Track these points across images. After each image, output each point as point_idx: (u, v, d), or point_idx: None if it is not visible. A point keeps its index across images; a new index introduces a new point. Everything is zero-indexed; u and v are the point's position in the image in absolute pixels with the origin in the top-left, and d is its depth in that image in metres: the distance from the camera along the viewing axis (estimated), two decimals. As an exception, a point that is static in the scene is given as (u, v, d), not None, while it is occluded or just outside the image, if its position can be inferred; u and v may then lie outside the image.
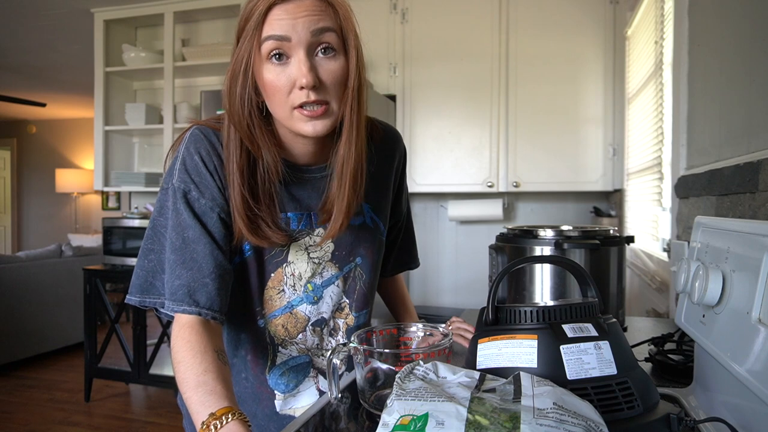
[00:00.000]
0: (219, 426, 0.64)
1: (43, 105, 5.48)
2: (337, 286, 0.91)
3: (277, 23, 0.74)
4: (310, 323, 0.90)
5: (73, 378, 3.83)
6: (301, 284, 0.88)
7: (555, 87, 2.76)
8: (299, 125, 0.77)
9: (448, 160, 2.92)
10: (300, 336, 0.90)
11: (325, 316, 0.91)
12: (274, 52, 0.75)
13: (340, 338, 0.94)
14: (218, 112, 2.87)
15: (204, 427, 0.64)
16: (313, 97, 0.75)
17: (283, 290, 0.88)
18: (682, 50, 1.48)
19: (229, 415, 0.65)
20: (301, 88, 0.74)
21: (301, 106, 0.76)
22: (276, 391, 0.91)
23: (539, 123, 2.79)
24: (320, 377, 0.93)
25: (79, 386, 3.57)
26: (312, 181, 0.88)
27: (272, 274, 0.87)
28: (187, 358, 0.72)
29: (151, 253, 0.82)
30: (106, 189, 3.64)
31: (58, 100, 6.35)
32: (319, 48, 0.76)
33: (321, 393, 0.93)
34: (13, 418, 3.16)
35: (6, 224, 7.90)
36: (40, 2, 3.42)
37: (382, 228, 0.98)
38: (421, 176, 2.95)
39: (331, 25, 0.76)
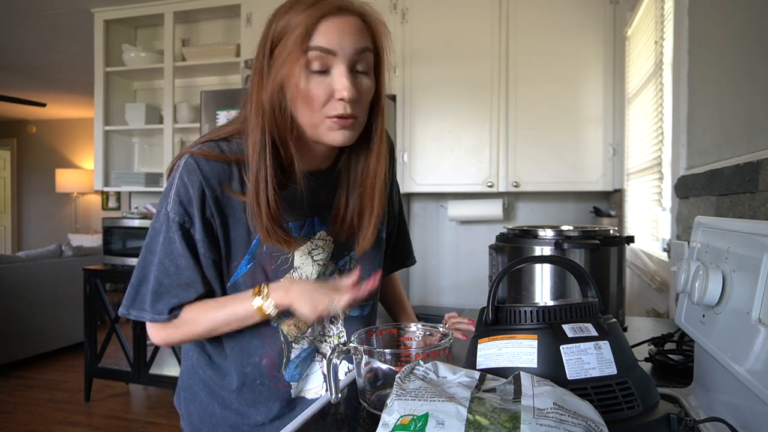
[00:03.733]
0: (265, 291, 0.83)
1: (43, 105, 5.49)
2: (335, 278, 0.96)
3: (326, 36, 0.77)
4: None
5: (73, 378, 3.83)
6: None
7: (555, 87, 2.76)
8: (329, 134, 0.81)
9: (448, 160, 2.92)
10: (309, 330, 0.95)
11: None
12: (319, 64, 0.78)
13: (340, 325, 0.98)
14: (218, 112, 2.88)
15: (254, 293, 0.83)
16: (349, 110, 0.79)
17: None
18: (682, 50, 1.48)
19: (264, 287, 0.84)
20: (341, 99, 0.78)
21: (333, 117, 0.80)
22: (292, 383, 0.95)
23: (539, 123, 2.79)
24: (324, 360, 0.98)
25: (79, 386, 3.57)
26: (315, 186, 0.90)
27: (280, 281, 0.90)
28: (196, 311, 0.86)
29: (137, 268, 0.88)
30: (106, 189, 3.64)
31: (58, 100, 6.35)
32: (357, 65, 0.80)
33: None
34: (13, 418, 3.16)
35: (6, 224, 7.90)
36: (40, 2, 3.42)
37: (380, 225, 1.00)
38: (421, 176, 2.95)
39: (370, 46, 0.81)
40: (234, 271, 0.89)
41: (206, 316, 0.86)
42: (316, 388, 0.97)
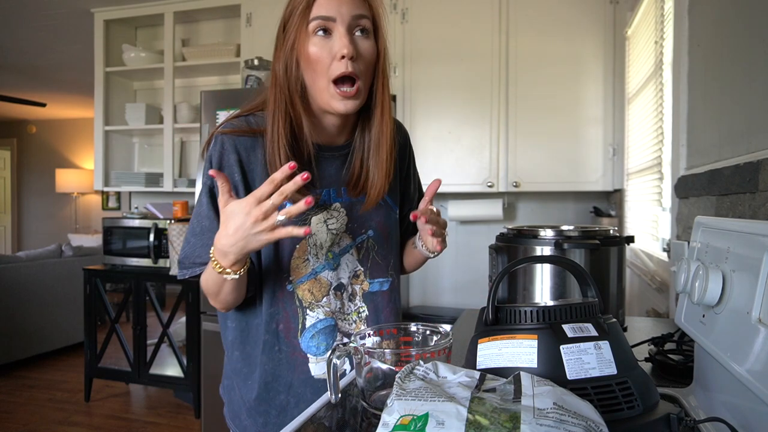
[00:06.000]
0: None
1: (43, 105, 5.48)
2: (352, 254, 1.03)
3: (324, 6, 0.89)
4: (332, 288, 1.01)
5: (73, 378, 3.83)
6: (323, 253, 1.00)
7: (555, 87, 2.76)
8: (333, 102, 0.90)
9: (448, 160, 2.92)
10: (324, 299, 1.00)
11: (344, 281, 1.02)
12: (320, 28, 0.89)
13: (359, 301, 1.04)
14: (218, 112, 2.88)
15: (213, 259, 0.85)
16: (350, 68, 0.88)
17: (307, 259, 0.99)
18: (682, 50, 1.48)
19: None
20: (342, 57, 0.87)
21: (336, 82, 0.89)
22: (309, 354, 0.99)
23: (539, 123, 2.79)
24: (346, 341, 1.01)
25: (79, 386, 3.58)
26: (331, 159, 1.00)
27: (297, 246, 0.99)
28: (207, 273, 0.92)
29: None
30: (106, 189, 3.64)
31: (58, 100, 6.35)
32: (356, 29, 0.90)
33: (349, 357, 0.96)
34: (13, 418, 3.16)
35: (6, 224, 7.90)
36: (40, 2, 3.42)
37: (393, 206, 1.10)
38: (421, 176, 2.94)
39: (366, 14, 0.92)
40: None
41: (204, 277, 0.93)
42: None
